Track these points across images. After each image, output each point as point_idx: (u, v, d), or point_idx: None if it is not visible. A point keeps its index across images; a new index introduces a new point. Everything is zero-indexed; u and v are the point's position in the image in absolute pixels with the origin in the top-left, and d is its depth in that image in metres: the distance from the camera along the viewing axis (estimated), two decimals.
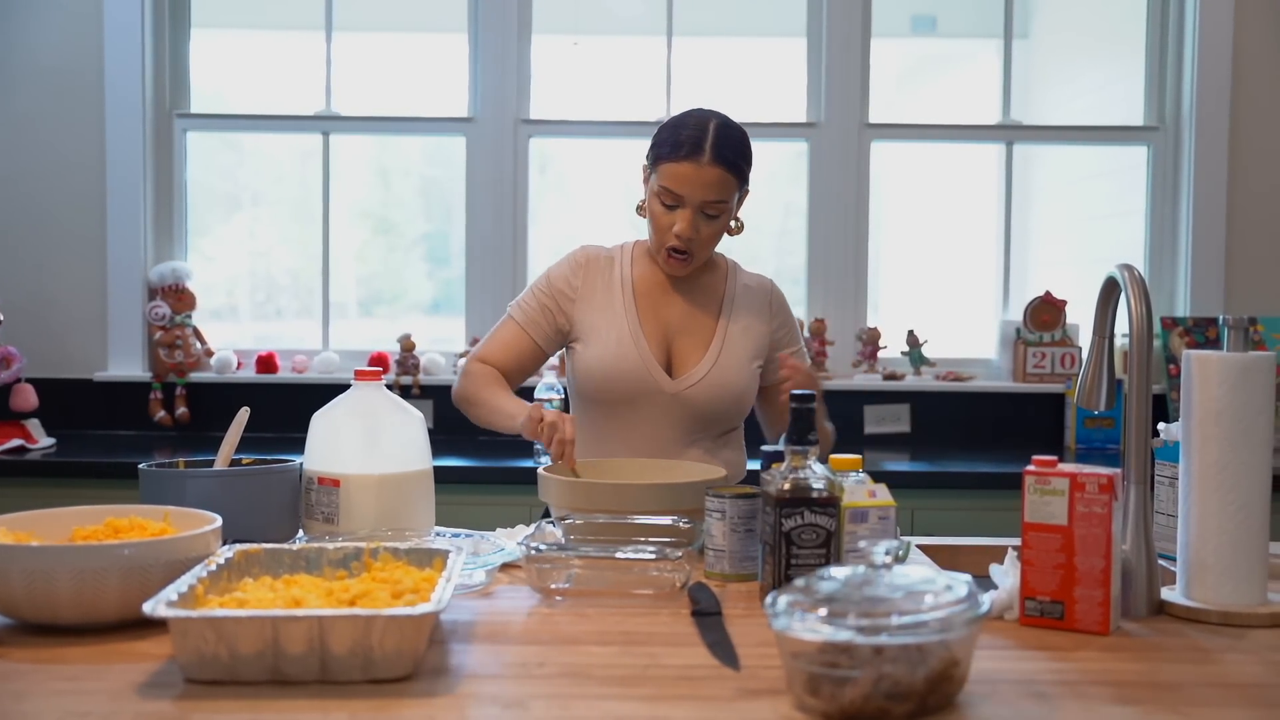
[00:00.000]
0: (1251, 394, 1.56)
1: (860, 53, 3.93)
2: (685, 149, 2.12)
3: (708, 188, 2.13)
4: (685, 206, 2.14)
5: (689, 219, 2.14)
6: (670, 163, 2.14)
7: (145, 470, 1.84)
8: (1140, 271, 1.65)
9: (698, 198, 2.13)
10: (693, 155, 2.12)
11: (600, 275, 2.30)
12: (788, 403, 1.88)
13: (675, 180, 2.13)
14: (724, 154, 2.13)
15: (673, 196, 2.14)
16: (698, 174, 2.12)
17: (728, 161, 2.14)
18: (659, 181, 2.16)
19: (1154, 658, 1.41)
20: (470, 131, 3.93)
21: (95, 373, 3.83)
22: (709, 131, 2.13)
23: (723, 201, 2.15)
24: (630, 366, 2.22)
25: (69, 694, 1.24)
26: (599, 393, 2.25)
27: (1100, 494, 1.48)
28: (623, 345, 2.23)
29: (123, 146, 3.81)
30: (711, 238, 2.21)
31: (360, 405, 1.91)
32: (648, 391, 2.23)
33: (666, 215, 2.16)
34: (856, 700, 1.17)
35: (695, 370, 2.25)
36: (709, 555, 1.76)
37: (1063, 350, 3.85)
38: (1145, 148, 3.99)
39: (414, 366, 3.81)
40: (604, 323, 2.26)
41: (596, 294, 2.29)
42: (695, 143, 2.12)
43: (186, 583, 1.36)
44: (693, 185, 2.12)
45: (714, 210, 2.16)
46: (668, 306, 2.29)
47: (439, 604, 1.29)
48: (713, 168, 2.12)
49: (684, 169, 2.12)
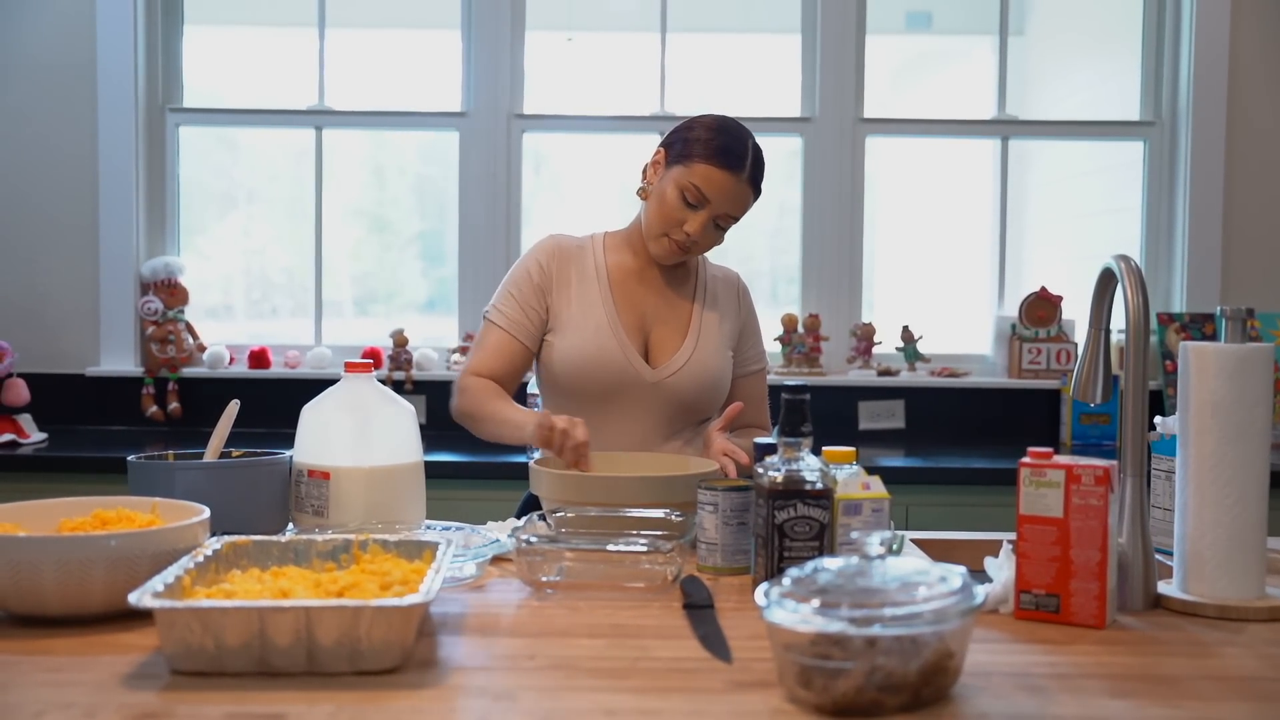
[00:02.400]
0: (1249, 386, 1.55)
1: (855, 48, 3.92)
2: (729, 159, 2.15)
3: (734, 201, 2.17)
4: (704, 209, 2.16)
5: (704, 221, 2.17)
6: (709, 165, 2.15)
7: (134, 462, 1.83)
8: (1136, 262, 1.64)
9: (723, 207, 2.17)
10: (734, 167, 2.15)
11: (573, 264, 2.28)
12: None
13: (709, 183, 2.15)
14: (756, 175, 2.20)
15: (699, 196, 2.15)
16: (732, 186, 2.16)
17: (756, 183, 2.20)
18: (690, 179, 2.15)
19: (1150, 651, 1.40)
20: (463, 126, 3.92)
21: (87, 367, 3.81)
22: (749, 149, 2.19)
23: (736, 218, 2.21)
24: (610, 357, 2.21)
25: (53, 685, 1.23)
26: (576, 384, 2.22)
27: (1096, 486, 1.47)
28: (601, 335, 2.22)
29: (115, 141, 3.80)
30: (710, 245, 2.25)
31: (350, 398, 1.89)
32: (628, 382, 2.21)
33: (683, 210, 2.17)
34: (849, 692, 1.16)
35: (675, 359, 2.24)
36: (701, 548, 1.75)
37: (1058, 346, 3.84)
38: (1141, 143, 3.98)
39: (407, 362, 3.79)
40: (580, 313, 2.24)
41: (571, 283, 2.27)
42: (739, 156, 2.16)
43: (173, 574, 1.34)
44: (724, 194, 2.16)
45: (726, 223, 2.21)
46: (643, 296, 2.29)
47: (427, 595, 1.28)
48: (746, 185, 2.18)
49: (721, 177, 2.14)
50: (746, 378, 2.35)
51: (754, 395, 2.35)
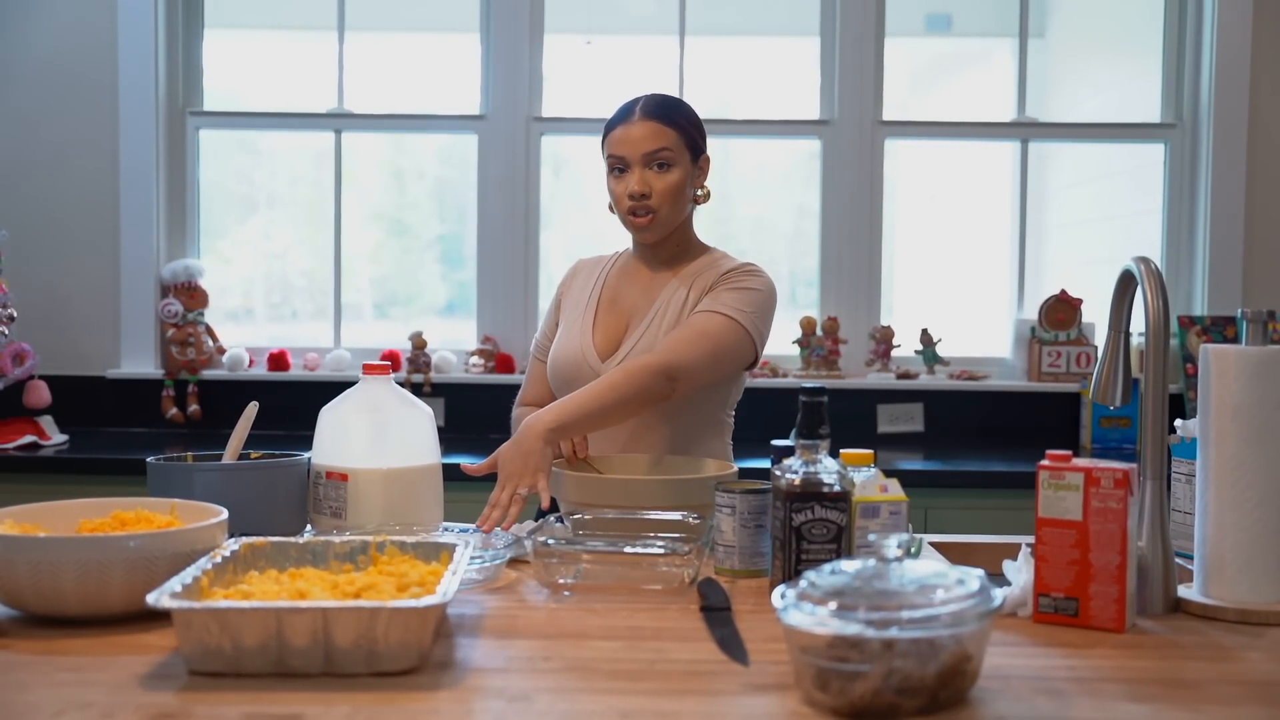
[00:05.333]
0: (1270, 389, 1.53)
1: (874, 51, 3.91)
2: (619, 114, 2.26)
3: (643, 140, 2.21)
4: (631, 167, 2.22)
5: (637, 175, 2.21)
6: (610, 133, 2.25)
7: (153, 464, 1.84)
8: (1156, 264, 1.63)
9: (637, 152, 2.21)
10: (625, 118, 2.24)
11: (583, 278, 2.38)
12: None
13: (616, 144, 2.23)
14: (652, 110, 2.24)
15: (619, 161, 2.23)
16: (634, 131, 2.22)
17: (658, 115, 2.23)
18: (606, 155, 2.25)
19: (1170, 655, 1.39)
20: (482, 129, 3.93)
21: (108, 370, 3.83)
22: (640, 99, 2.27)
23: (664, 149, 2.21)
24: (569, 353, 2.26)
25: (72, 685, 1.23)
26: (555, 386, 2.29)
27: (1115, 489, 1.46)
28: (569, 343, 2.28)
29: (136, 144, 3.82)
30: (668, 191, 2.20)
31: (368, 400, 1.90)
32: (584, 376, 2.18)
33: (620, 182, 2.23)
34: (866, 695, 1.15)
35: (623, 346, 2.23)
36: (718, 551, 1.75)
37: (1078, 349, 3.83)
38: (1162, 145, 3.96)
39: (425, 364, 3.80)
40: (566, 325, 2.32)
41: (574, 297, 2.36)
42: (627, 108, 2.26)
43: (191, 574, 1.35)
44: (631, 142, 2.21)
45: (660, 159, 2.21)
46: (629, 295, 2.30)
47: (444, 597, 1.28)
48: (645, 122, 2.22)
49: (619, 132, 2.23)
50: (693, 315, 2.16)
51: (685, 323, 2.15)
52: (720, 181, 4.20)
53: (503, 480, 1.91)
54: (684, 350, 2.09)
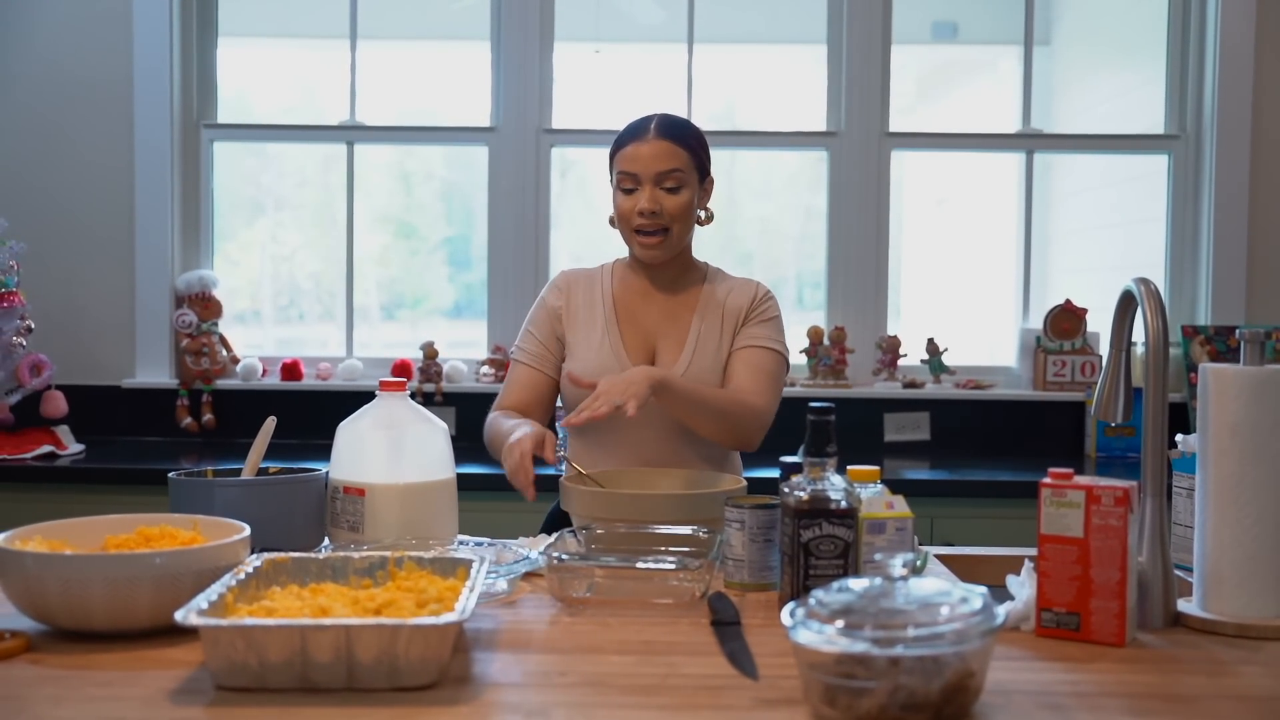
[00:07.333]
0: (1268, 408, 1.57)
1: (881, 60, 3.94)
2: (631, 132, 2.30)
3: (657, 159, 2.26)
4: (642, 185, 2.26)
5: (648, 193, 2.25)
6: (621, 150, 2.29)
7: (174, 480, 1.87)
8: (1156, 285, 1.66)
9: (651, 170, 2.25)
10: (638, 136, 2.28)
11: (582, 293, 2.38)
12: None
13: (627, 162, 2.27)
14: (667, 130, 2.28)
15: (630, 179, 2.27)
16: (646, 149, 2.26)
17: (671, 135, 2.28)
18: (617, 172, 2.29)
19: (1170, 669, 1.42)
20: (492, 141, 3.96)
21: (123, 380, 3.87)
22: (653, 117, 2.31)
23: (676, 171, 2.26)
24: (602, 364, 2.28)
25: (104, 700, 1.27)
26: (572, 397, 2.30)
27: (1116, 507, 1.50)
28: (602, 355, 2.30)
29: (151, 157, 3.86)
30: (677, 211, 2.27)
31: (385, 416, 1.93)
32: None
33: (629, 200, 2.28)
34: (872, 711, 1.19)
35: (673, 371, 2.26)
36: (728, 565, 1.78)
37: (1083, 359, 3.86)
38: (1166, 156, 3.98)
39: (437, 374, 3.84)
40: (585, 338, 2.34)
41: (580, 312, 2.37)
42: (640, 126, 2.30)
43: (217, 591, 1.39)
44: (644, 160, 2.26)
45: (671, 182, 2.26)
46: (646, 314, 2.35)
47: (463, 614, 1.32)
48: (658, 141, 2.27)
49: (631, 149, 2.27)
50: (744, 349, 2.30)
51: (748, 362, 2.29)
52: (727, 184, 4.24)
53: (599, 393, 2.05)
54: (769, 398, 2.27)
